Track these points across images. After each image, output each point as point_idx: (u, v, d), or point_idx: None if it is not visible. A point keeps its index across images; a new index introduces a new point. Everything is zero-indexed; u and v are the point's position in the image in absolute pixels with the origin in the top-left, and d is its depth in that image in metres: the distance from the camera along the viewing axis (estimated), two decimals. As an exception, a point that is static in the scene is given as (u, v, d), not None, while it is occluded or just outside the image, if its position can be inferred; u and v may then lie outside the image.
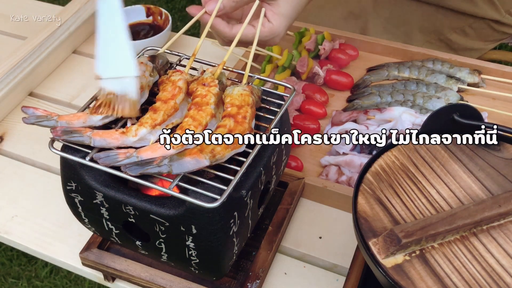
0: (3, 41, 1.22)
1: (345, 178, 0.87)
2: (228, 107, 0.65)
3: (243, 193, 0.63)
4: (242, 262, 0.76)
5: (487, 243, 0.57)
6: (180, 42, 1.19)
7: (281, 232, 0.80)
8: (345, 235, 0.82)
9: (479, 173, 0.64)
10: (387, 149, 0.67)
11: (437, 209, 0.60)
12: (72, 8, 1.19)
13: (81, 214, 0.69)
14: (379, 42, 1.11)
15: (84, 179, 0.64)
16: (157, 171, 0.58)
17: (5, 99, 1.03)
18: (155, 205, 0.61)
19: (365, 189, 0.63)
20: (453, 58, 1.06)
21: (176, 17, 2.47)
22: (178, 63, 0.77)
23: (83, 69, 1.15)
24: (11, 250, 1.67)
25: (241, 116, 0.63)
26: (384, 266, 0.56)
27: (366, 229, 0.59)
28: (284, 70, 1.04)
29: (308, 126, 0.95)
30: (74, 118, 0.65)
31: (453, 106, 0.68)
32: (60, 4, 1.91)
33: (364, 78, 1.06)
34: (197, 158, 0.59)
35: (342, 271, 0.78)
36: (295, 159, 0.90)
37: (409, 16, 1.21)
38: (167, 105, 0.65)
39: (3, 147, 0.99)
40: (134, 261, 0.75)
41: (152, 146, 0.62)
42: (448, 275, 0.54)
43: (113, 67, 0.66)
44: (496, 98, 1.01)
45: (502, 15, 1.20)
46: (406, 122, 0.91)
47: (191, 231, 0.61)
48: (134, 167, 0.58)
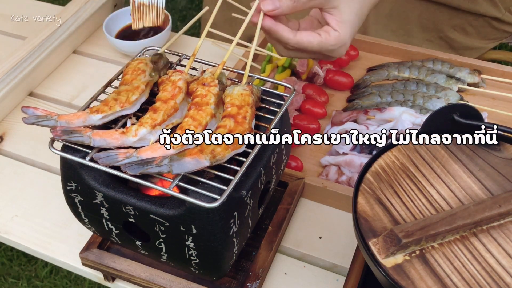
0: (3, 41, 1.22)
1: (345, 178, 0.87)
2: (228, 107, 0.65)
3: (243, 193, 0.63)
4: (242, 262, 0.76)
5: (487, 243, 0.57)
6: (180, 42, 1.19)
7: (281, 232, 0.80)
8: (345, 235, 0.82)
9: (479, 173, 0.64)
10: (387, 149, 0.67)
11: (437, 209, 0.60)
12: (72, 8, 1.19)
13: (81, 214, 0.69)
14: (379, 42, 1.11)
15: (84, 179, 0.64)
16: (157, 171, 0.58)
17: (5, 99, 1.03)
18: (155, 205, 0.61)
19: (365, 189, 0.63)
20: (453, 58, 1.06)
21: (176, 17, 2.47)
22: (178, 63, 0.77)
23: (83, 69, 1.15)
24: (11, 250, 1.67)
25: (241, 117, 0.63)
26: (384, 266, 0.56)
27: (366, 229, 0.59)
28: (284, 70, 1.04)
29: (308, 126, 0.95)
30: (73, 118, 0.65)
31: (453, 106, 0.68)
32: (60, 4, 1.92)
33: (364, 78, 1.06)
34: (197, 158, 0.59)
35: (342, 271, 0.78)
36: (295, 159, 0.90)
37: (409, 14, 1.21)
38: (167, 105, 0.65)
39: (3, 147, 0.99)
40: (134, 261, 0.75)
41: (152, 146, 0.62)
42: (448, 275, 0.54)
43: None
44: (496, 98, 1.01)
45: (502, 12, 1.20)
46: (406, 122, 0.91)
47: (191, 231, 0.61)
48: (134, 166, 0.58)
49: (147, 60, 0.72)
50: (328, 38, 0.72)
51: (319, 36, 0.72)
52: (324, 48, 0.72)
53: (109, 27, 1.15)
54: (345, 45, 0.74)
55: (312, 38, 0.71)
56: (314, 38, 0.71)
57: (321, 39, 0.71)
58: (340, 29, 0.73)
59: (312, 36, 0.71)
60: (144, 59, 0.72)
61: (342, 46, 0.74)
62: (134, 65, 0.70)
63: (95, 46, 1.21)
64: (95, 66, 1.16)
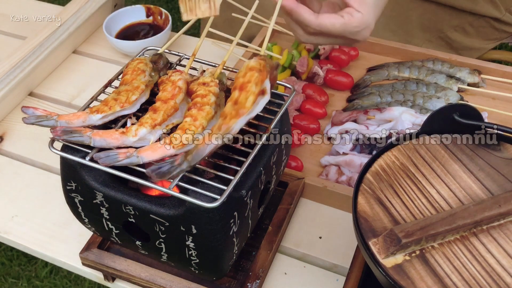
0: (3, 41, 1.22)
1: (345, 178, 0.87)
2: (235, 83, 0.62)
3: (243, 193, 0.63)
4: (242, 262, 0.76)
5: (487, 243, 0.57)
6: (180, 42, 1.19)
7: (281, 232, 0.80)
8: (345, 235, 0.82)
9: (479, 173, 0.64)
10: (387, 149, 0.67)
11: (437, 209, 0.60)
12: (72, 8, 1.19)
13: (81, 214, 0.69)
14: (379, 42, 1.11)
15: (84, 179, 0.64)
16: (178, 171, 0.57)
17: (5, 99, 1.03)
18: (155, 205, 0.61)
19: (365, 189, 0.63)
20: (453, 58, 1.06)
21: (176, 17, 2.46)
22: (178, 63, 0.77)
23: (83, 69, 1.15)
24: (11, 250, 1.67)
25: (246, 81, 0.60)
26: (384, 266, 0.56)
27: (366, 229, 0.59)
28: (284, 70, 1.04)
29: (308, 126, 0.95)
30: (73, 118, 0.65)
31: (453, 106, 0.68)
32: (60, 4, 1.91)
33: (364, 78, 1.06)
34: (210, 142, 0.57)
35: (342, 271, 0.78)
36: (295, 159, 0.90)
37: (409, 14, 1.21)
38: (167, 105, 0.65)
39: (3, 147, 0.99)
40: (134, 261, 0.75)
41: (152, 146, 0.62)
42: (448, 275, 0.54)
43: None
44: (496, 98, 1.01)
45: (502, 13, 1.20)
46: (406, 122, 0.91)
47: (191, 231, 0.61)
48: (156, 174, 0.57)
49: (147, 60, 0.72)
50: (351, 19, 0.69)
51: (342, 18, 0.69)
52: (347, 31, 0.70)
53: (109, 27, 1.15)
54: (369, 27, 0.72)
55: (335, 20, 0.69)
56: (336, 20, 0.69)
57: (344, 21, 0.69)
58: (363, 10, 0.70)
59: (334, 18, 0.69)
60: (144, 59, 0.72)
61: (366, 28, 0.71)
62: (134, 65, 0.70)
63: (95, 46, 1.21)
64: (95, 66, 1.16)
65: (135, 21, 1.18)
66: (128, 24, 1.18)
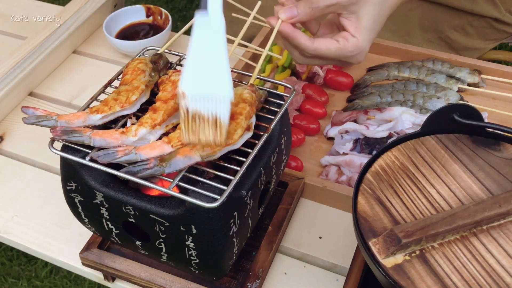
0: (3, 41, 1.22)
1: (345, 178, 0.87)
2: None
3: (243, 193, 0.63)
4: (242, 262, 0.76)
5: (487, 243, 0.57)
6: (180, 42, 1.18)
7: (281, 232, 0.80)
8: (345, 235, 0.82)
9: (479, 173, 0.64)
10: (387, 149, 0.67)
11: (437, 209, 0.60)
12: (72, 8, 1.19)
13: (81, 214, 0.69)
14: (379, 42, 1.11)
15: (84, 179, 0.64)
16: (150, 173, 0.58)
17: (5, 99, 1.03)
18: (155, 205, 0.61)
19: (365, 189, 0.63)
20: (453, 58, 1.06)
21: (176, 17, 2.47)
22: (178, 63, 0.77)
23: (83, 69, 1.15)
24: (11, 250, 1.67)
25: (236, 113, 0.63)
26: (384, 266, 0.56)
27: (366, 229, 0.59)
28: (284, 70, 1.04)
29: (308, 126, 0.96)
30: (73, 118, 0.65)
31: (453, 106, 0.68)
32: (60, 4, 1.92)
33: (364, 78, 1.06)
34: (188, 155, 0.59)
35: (342, 271, 0.78)
36: (295, 159, 0.90)
37: (409, 14, 1.21)
38: (167, 105, 0.65)
39: (3, 147, 0.99)
40: (134, 261, 0.75)
41: (151, 144, 0.62)
42: (448, 275, 0.54)
43: (204, 83, 0.56)
44: (496, 98, 1.01)
45: (502, 13, 1.20)
46: (406, 122, 0.91)
47: (191, 231, 0.61)
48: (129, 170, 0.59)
49: (147, 60, 0.72)
50: (346, 44, 0.71)
51: (337, 43, 0.71)
52: (342, 55, 0.71)
53: (109, 27, 1.15)
54: (364, 51, 0.73)
55: (330, 45, 0.70)
56: (332, 45, 0.71)
57: (339, 46, 0.70)
58: (358, 35, 0.71)
59: (330, 43, 0.70)
60: (144, 59, 0.72)
61: (360, 53, 0.73)
62: (134, 65, 0.70)
63: (95, 46, 1.21)
64: (95, 66, 1.16)
65: (135, 21, 1.18)
66: (128, 24, 1.18)
